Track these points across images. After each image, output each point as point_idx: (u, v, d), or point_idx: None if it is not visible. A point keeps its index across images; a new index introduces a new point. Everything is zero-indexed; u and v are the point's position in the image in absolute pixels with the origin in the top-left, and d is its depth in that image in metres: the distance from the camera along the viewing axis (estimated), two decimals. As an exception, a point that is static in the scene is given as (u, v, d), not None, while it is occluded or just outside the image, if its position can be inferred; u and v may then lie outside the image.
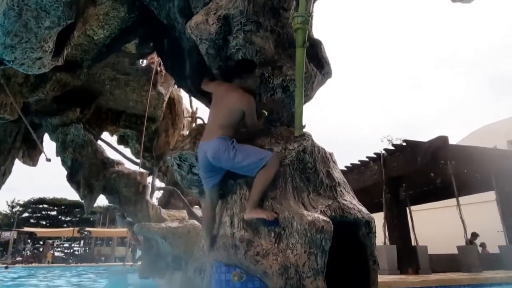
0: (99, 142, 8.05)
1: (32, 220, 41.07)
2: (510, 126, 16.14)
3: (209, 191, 2.96)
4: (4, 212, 40.66)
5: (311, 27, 3.38)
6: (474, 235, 10.75)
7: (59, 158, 7.48)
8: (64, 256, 33.06)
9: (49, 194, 44.55)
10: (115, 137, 9.28)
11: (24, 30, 4.06)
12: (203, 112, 9.13)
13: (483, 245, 11.48)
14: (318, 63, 3.42)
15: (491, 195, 10.47)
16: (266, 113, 3.03)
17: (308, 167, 2.93)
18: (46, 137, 7.96)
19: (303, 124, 2.96)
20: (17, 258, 27.18)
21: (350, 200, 2.98)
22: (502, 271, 8.27)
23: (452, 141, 8.90)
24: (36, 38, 4.23)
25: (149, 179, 8.25)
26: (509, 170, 9.40)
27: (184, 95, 9.01)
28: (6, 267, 18.77)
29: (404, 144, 8.86)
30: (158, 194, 8.95)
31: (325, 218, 2.50)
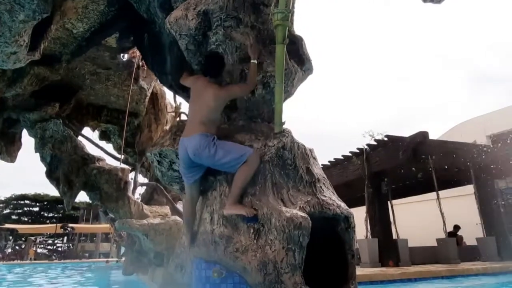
0: (80, 137, 7.91)
1: (13, 217, 40.21)
2: (489, 122, 16.56)
3: (189, 187, 2.94)
4: (-17, 209, 39.59)
5: (292, 23, 3.37)
6: (457, 227, 11.07)
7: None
8: (47, 253, 32.53)
9: (31, 190, 43.53)
10: (96, 133, 9.12)
11: (-2, 24, 3.94)
12: (187, 107, 9.05)
13: (460, 237, 11.83)
14: (299, 59, 3.42)
15: (469, 188, 10.75)
16: (256, 61, 2.91)
17: (288, 164, 2.94)
18: (24, 132, 7.77)
19: (283, 121, 2.97)
20: (-2, 256, 26.53)
21: (330, 196, 3.01)
22: (479, 262, 8.55)
23: (433, 136, 9.11)
24: (10, 32, 4.11)
25: (132, 175, 8.18)
26: (487, 165, 9.69)
27: (167, 90, 8.92)
28: None
29: (386, 139, 9.01)
30: (141, 190, 8.87)
31: (303, 214, 2.53)
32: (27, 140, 7.99)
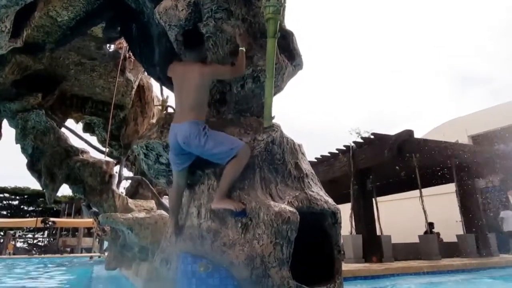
0: (63, 129, 7.71)
1: (-9, 210, 39.10)
2: (471, 122, 16.97)
3: (177, 174, 2.88)
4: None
5: (283, 17, 3.35)
6: (431, 225, 11.33)
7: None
8: (26, 247, 31.84)
9: (10, 183, 42.36)
10: (80, 125, 8.92)
11: (-22, 8, 3.78)
12: (173, 100, 8.94)
13: (437, 234, 12.12)
14: (289, 54, 3.40)
15: (451, 187, 11.01)
16: (244, 49, 2.87)
17: (277, 158, 2.94)
18: (5, 122, 7.52)
19: (273, 115, 2.95)
20: (-25, 250, 25.80)
21: (317, 191, 3.02)
22: (459, 259, 8.78)
23: (417, 135, 9.26)
24: (-9, 17, 3.96)
25: (117, 169, 8.04)
26: (468, 164, 9.94)
27: (154, 82, 8.78)
28: None
29: (372, 137, 9.12)
30: (125, 183, 8.74)
31: (291, 209, 2.52)
32: (5, 131, 7.75)
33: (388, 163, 9.05)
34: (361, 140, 9.43)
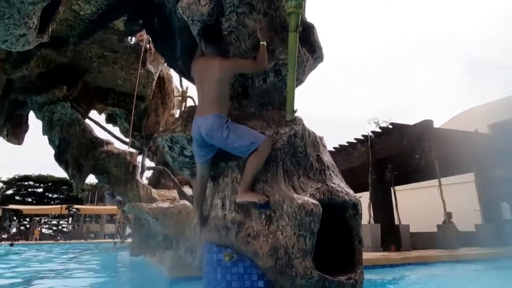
0: (87, 120, 7.94)
1: (17, 198, 40.63)
2: (490, 111, 16.51)
3: (200, 166, 2.96)
4: (-13, 190, 40.02)
5: (304, 10, 3.35)
6: (449, 214, 11.18)
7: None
8: (52, 233, 33.05)
9: (33, 171, 43.89)
10: (103, 116, 9.15)
11: (6, 5, 3.91)
12: (193, 91, 9.07)
13: None
14: (310, 47, 3.40)
15: (470, 176, 10.83)
16: (265, 43, 2.89)
17: (299, 151, 2.98)
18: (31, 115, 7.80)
19: (295, 109, 2.98)
20: (3, 236, 27.00)
21: (338, 183, 3.06)
22: (477, 248, 8.70)
23: (436, 124, 9.13)
24: (19, 14, 4.08)
25: (139, 159, 8.24)
26: (487, 153, 9.73)
27: (174, 73, 8.88)
28: (11, 245, 18.93)
29: (391, 127, 9.04)
30: (148, 173, 8.96)
31: (314, 201, 2.58)
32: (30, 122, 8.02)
33: (406, 152, 8.98)
34: (380, 130, 9.35)
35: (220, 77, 2.81)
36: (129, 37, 7.15)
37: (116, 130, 9.14)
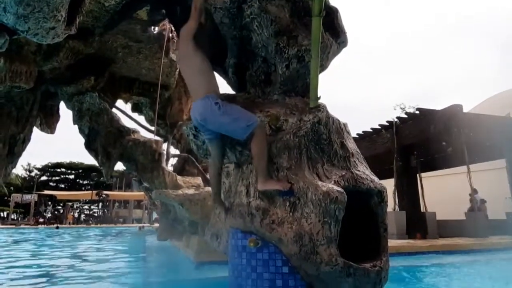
0: (114, 110, 8.16)
1: (51, 184, 42.60)
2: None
3: (209, 144, 2.96)
4: (23, 176, 42.13)
5: (328, -6, 3.27)
6: (483, 201, 10.81)
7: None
8: (84, 218, 34.57)
9: (64, 159, 45.78)
10: (129, 105, 9.38)
11: (36, 0, 4.03)
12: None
13: None
14: (333, 32, 3.33)
15: (501, 162, 10.41)
16: None
17: (323, 138, 2.95)
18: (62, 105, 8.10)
19: (319, 95, 2.95)
20: (39, 220, 28.50)
21: (363, 170, 3.02)
22: (508, 236, 8.41)
23: (464, 109, 8.77)
24: (48, 7, 4.18)
25: (164, 147, 8.43)
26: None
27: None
28: (57, 227, 20.11)
29: (417, 112, 8.77)
30: (173, 161, 9.17)
31: (339, 189, 2.57)
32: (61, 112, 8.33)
33: (433, 138, 8.72)
34: (405, 116, 9.10)
35: (190, 54, 2.81)
36: (152, 27, 7.23)
37: (141, 119, 9.39)
